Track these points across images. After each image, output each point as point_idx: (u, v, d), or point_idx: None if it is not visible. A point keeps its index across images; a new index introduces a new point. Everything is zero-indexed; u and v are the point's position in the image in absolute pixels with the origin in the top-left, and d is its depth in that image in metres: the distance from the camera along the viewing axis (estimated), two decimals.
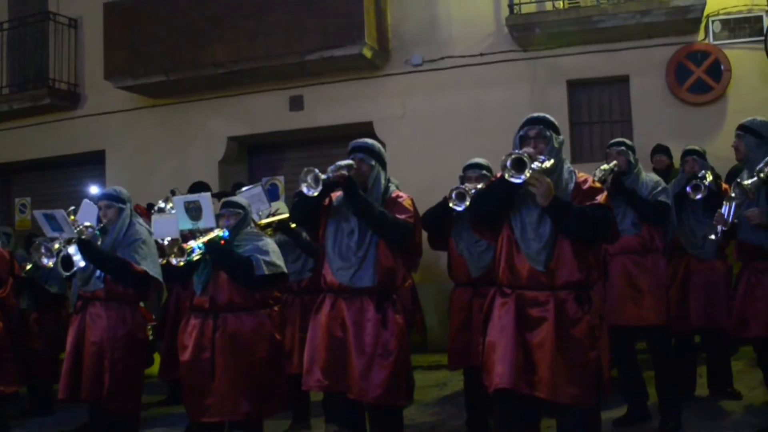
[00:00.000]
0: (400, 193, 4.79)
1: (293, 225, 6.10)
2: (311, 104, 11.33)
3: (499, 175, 4.06)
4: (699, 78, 9.53)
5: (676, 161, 7.31)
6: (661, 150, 7.85)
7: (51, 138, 13.26)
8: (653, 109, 9.73)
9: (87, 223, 5.45)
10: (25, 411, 8.36)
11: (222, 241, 4.83)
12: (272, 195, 6.74)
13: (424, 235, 5.46)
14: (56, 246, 5.23)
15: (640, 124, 9.77)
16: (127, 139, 12.61)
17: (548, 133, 4.16)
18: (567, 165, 4.25)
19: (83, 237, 5.32)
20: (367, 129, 10.63)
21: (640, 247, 5.91)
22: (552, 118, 4.27)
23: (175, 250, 4.63)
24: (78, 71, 13.18)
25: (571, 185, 4.15)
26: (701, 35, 9.65)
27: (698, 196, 6.14)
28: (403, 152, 10.36)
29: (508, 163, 3.87)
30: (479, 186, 5.47)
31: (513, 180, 3.86)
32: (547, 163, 4.01)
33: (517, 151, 3.98)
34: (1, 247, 6.20)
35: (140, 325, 5.59)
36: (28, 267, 8.03)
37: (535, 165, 3.90)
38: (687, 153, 6.57)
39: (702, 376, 7.00)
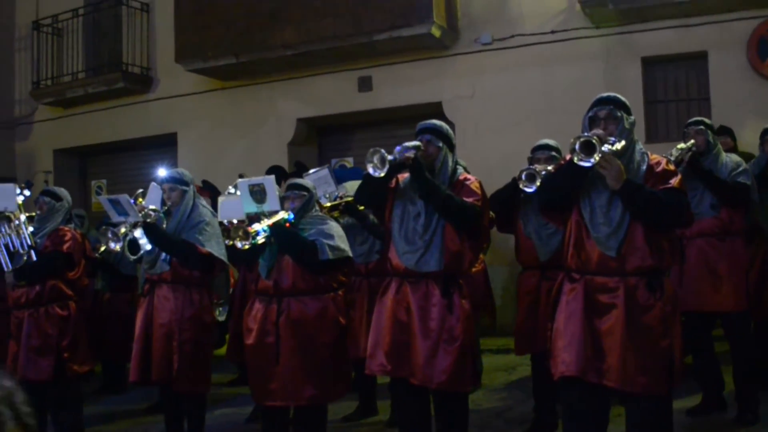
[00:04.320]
0: (468, 176, 4.69)
1: (360, 207, 6.06)
2: (380, 85, 11.28)
3: (568, 158, 3.95)
4: None
5: (748, 144, 7.03)
6: (724, 131, 7.52)
7: (125, 121, 13.52)
8: (733, 87, 9.36)
9: (152, 207, 5.49)
10: (99, 389, 8.57)
11: (287, 224, 4.81)
12: (340, 176, 6.68)
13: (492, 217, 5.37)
14: (122, 230, 5.29)
15: (718, 103, 9.43)
16: (198, 122, 12.78)
17: (619, 114, 4.03)
18: (639, 146, 4.11)
19: (148, 220, 5.37)
20: (435, 109, 10.54)
21: (718, 230, 5.71)
22: (622, 98, 4.13)
23: (240, 233, 4.62)
24: (150, 55, 13.40)
25: (644, 167, 4.01)
26: None
27: None
28: (471, 133, 10.24)
29: (577, 146, 3.76)
30: (549, 167, 5.36)
31: (582, 164, 3.75)
32: (618, 145, 3.88)
33: (586, 133, 3.87)
34: (75, 229, 6.29)
35: (207, 306, 5.63)
36: (102, 248, 8.19)
37: (605, 147, 3.78)
38: None
39: None
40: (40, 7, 14.41)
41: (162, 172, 7.62)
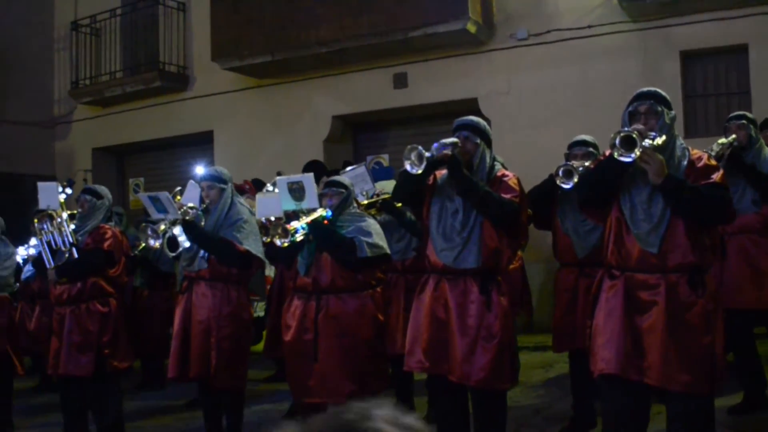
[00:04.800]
0: (506, 172, 4.67)
1: (398, 204, 6.06)
2: (415, 81, 11.27)
3: (607, 153, 3.92)
4: None
5: None
6: (767, 125, 7.42)
7: (162, 120, 13.65)
8: None
9: (190, 204, 5.53)
10: (138, 385, 8.67)
11: (325, 221, 4.82)
12: (375, 175, 6.70)
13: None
14: (162, 227, 5.34)
15: (759, 97, 9.28)
16: (234, 119, 12.87)
17: (659, 108, 3.99)
18: (680, 141, 4.07)
19: (187, 218, 5.41)
20: (471, 106, 10.49)
21: (760, 226, 5.64)
22: (663, 93, 4.08)
23: (279, 231, 4.64)
24: (186, 54, 13.53)
25: (684, 163, 3.97)
26: None
27: None
28: (507, 129, 10.19)
29: (617, 141, 3.72)
30: (586, 163, 5.31)
31: (622, 159, 3.71)
32: (659, 140, 3.84)
33: (626, 128, 3.82)
34: (115, 227, 6.37)
35: (245, 303, 5.67)
36: (141, 246, 8.28)
37: (646, 142, 3.75)
38: None
39: None
40: (79, 7, 14.60)
41: (200, 170, 7.68)
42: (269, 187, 7.21)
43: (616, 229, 4.04)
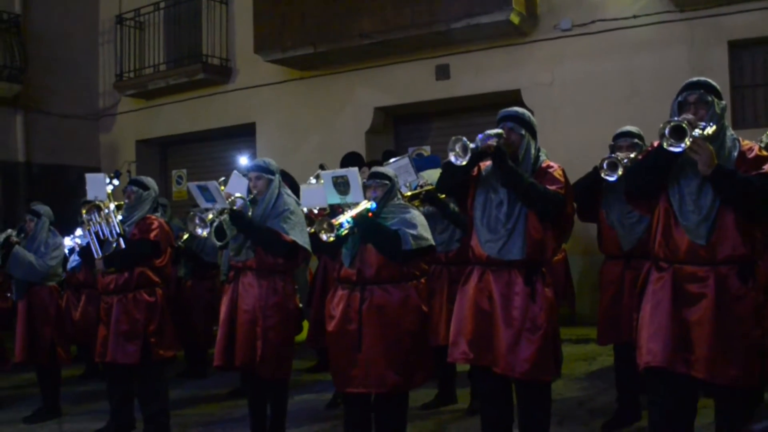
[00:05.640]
0: (551, 163, 4.62)
1: (441, 195, 6.04)
2: (457, 73, 11.23)
3: (656, 144, 3.88)
4: None
5: None
6: None
7: (204, 112, 13.79)
8: None
9: (238, 194, 5.57)
10: (182, 374, 8.78)
11: (369, 213, 4.82)
12: (418, 165, 6.68)
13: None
14: (210, 216, 5.37)
15: None
16: (276, 111, 12.94)
17: (709, 98, 3.94)
18: (730, 132, 4.01)
19: (235, 208, 5.45)
20: (514, 97, 10.44)
21: None
22: (713, 82, 4.03)
23: (325, 226, 4.64)
24: (229, 46, 13.63)
25: (735, 154, 3.91)
26: None
27: None
28: (551, 121, 10.10)
29: (667, 131, 3.67)
30: (631, 155, 5.25)
31: (672, 149, 3.67)
32: (709, 130, 3.79)
33: (675, 118, 3.77)
34: (160, 218, 6.44)
35: (291, 294, 5.69)
36: (185, 237, 8.37)
37: (696, 132, 3.70)
38: None
39: None
40: (123, 1, 14.78)
41: (244, 160, 7.75)
42: (312, 180, 7.26)
43: (664, 221, 4.00)
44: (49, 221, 7.26)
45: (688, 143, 3.64)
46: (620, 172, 4.97)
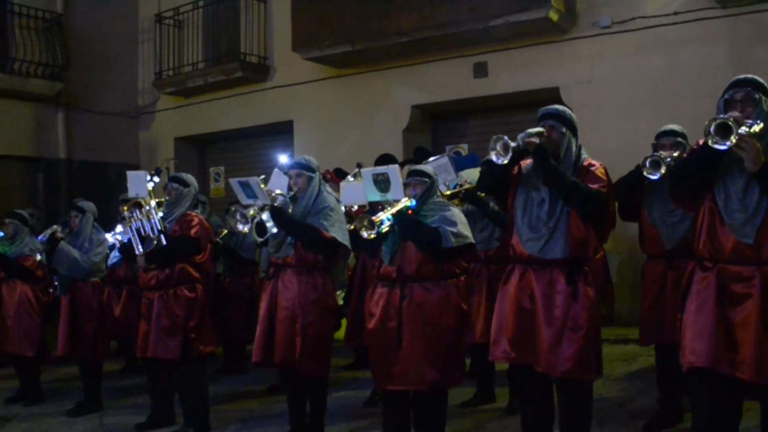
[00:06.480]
0: (593, 161, 4.58)
1: (481, 194, 6.03)
2: (495, 71, 11.17)
3: (701, 142, 3.83)
4: None
5: None
6: None
7: (242, 109, 13.86)
8: None
9: (278, 191, 5.59)
10: (220, 369, 8.85)
11: (410, 211, 4.82)
12: (456, 164, 6.67)
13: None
14: (251, 212, 5.41)
15: None
16: (313, 109, 12.97)
17: (757, 96, 3.90)
18: None
19: (275, 204, 5.47)
20: (553, 95, 10.35)
21: None
22: (760, 80, 3.98)
23: (365, 223, 4.64)
24: (267, 44, 13.68)
25: None
26: None
27: None
28: (591, 119, 9.99)
29: (712, 128, 3.63)
30: (675, 154, 5.21)
31: (717, 147, 3.63)
32: (756, 128, 3.74)
33: (721, 115, 3.72)
34: (200, 214, 6.50)
35: (330, 291, 5.70)
36: (223, 233, 8.44)
37: (743, 130, 3.65)
38: None
39: None
40: (162, 0, 14.89)
41: (283, 158, 7.77)
42: (350, 178, 7.27)
43: (709, 220, 3.95)
44: (94, 217, 7.36)
45: (733, 141, 3.59)
46: (663, 170, 4.97)
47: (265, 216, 5.46)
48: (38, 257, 7.69)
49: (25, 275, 7.65)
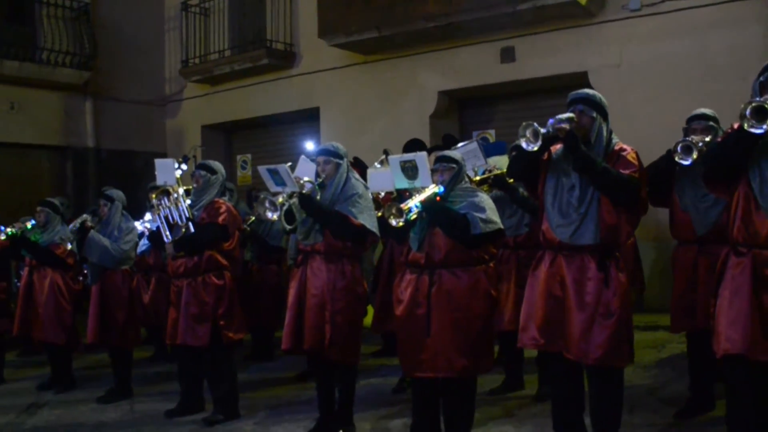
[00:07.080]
0: (624, 146, 4.52)
1: (510, 180, 5.98)
2: (523, 56, 11.07)
3: (736, 126, 3.76)
4: None
5: None
6: None
7: (269, 97, 13.87)
8: None
9: (306, 178, 5.57)
10: (249, 356, 8.88)
11: (438, 197, 4.79)
12: (488, 150, 6.63)
13: None
14: (280, 200, 5.39)
15: None
16: (340, 96, 12.95)
17: None
18: None
19: (304, 191, 5.46)
20: (581, 79, 10.26)
21: None
22: None
23: (394, 211, 4.61)
24: (293, 31, 13.67)
25: None
26: None
27: None
28: (620, 104, 9.82)
29: (748, 111, 3.57)
30: (707, 138, 5.13)
31: (753, 130, 3.56)
32: None
33: (758, 98, 3.65)
34: (228, 202, 6.51)
35: (359, 278, 5.67)
36: (251, 220, 8.45)
37: None
38: None
39: None
40: None
41: (310, 145, 7.75)
42: (377, 165, 7.25)
43: (743, 205, 3.89)
44: (123, 206, 7.39)
45: None
46: (695, 155, 4.90)
47: (293, 203, 5.44)
48: (68, 246, 7.75)
49: (56, 263, 7.71)
